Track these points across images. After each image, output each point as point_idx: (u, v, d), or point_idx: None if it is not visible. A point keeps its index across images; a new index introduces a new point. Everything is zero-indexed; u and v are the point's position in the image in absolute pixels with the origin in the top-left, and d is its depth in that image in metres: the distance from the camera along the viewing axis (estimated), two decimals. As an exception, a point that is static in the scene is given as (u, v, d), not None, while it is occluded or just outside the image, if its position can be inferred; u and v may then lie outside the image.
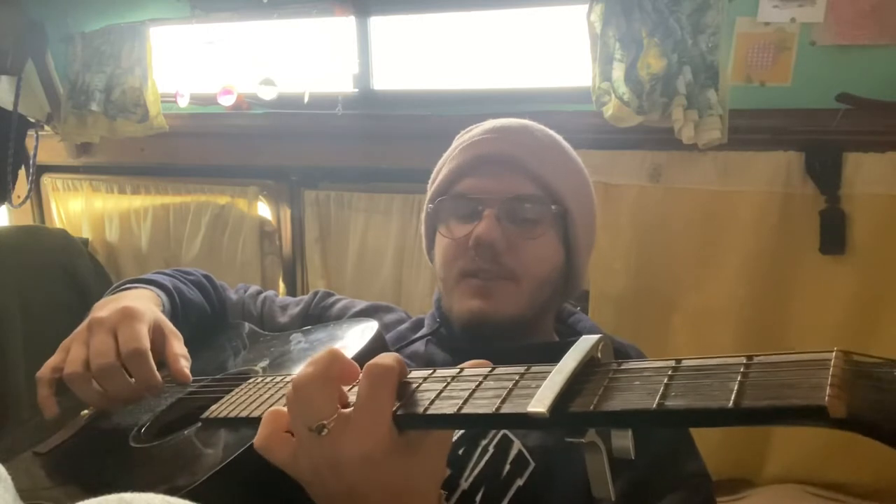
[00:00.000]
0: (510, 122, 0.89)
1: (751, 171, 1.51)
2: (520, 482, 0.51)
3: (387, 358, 0.49)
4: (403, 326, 0.97)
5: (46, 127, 2.22)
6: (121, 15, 2.02)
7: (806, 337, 1.51)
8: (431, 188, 0.91)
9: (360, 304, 1.04)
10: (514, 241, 0.81)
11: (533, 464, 0.70)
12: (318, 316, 1.03)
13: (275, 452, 0.49)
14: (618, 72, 1.49)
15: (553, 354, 0.72)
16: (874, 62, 1.41)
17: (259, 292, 1.10)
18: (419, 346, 0.90)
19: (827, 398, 0.32)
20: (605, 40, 1.51)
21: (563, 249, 0.86)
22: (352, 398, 0.49)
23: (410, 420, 0.46)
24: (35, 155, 2.28)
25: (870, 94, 1.40)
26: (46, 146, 2.28)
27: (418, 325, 0.97)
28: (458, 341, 0.86)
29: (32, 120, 2.19)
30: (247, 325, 0.98)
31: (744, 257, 1.53)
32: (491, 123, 0.89)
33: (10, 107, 2.07)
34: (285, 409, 0.50)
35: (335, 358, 0.49)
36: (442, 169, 0.90)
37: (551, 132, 0.91)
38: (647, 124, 1.50)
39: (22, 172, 2.25)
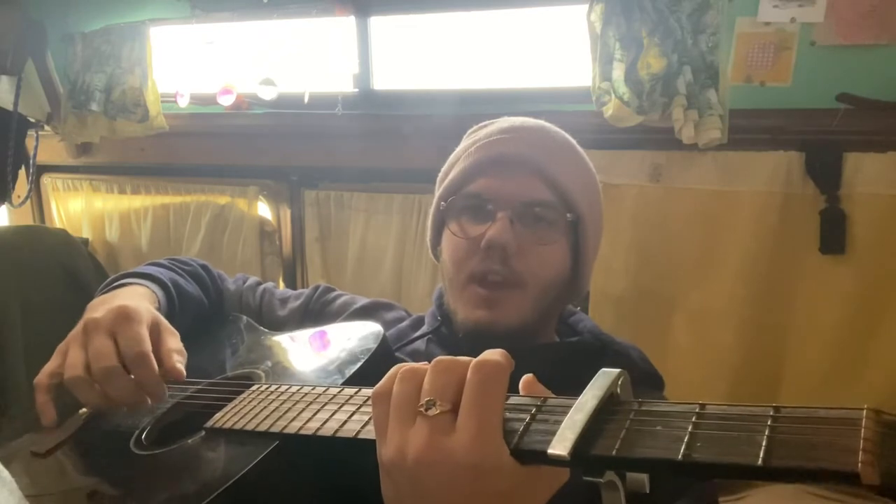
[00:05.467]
0: (527, 121, 0.87)
1: (751, 171, 1.51)
2: None
3: (495, 354, 0.45)
4: (404, 324, 0.96)
5: (46, 127, 2.22)
6: (121, 15, 2.02)
7: (806, 337, 1.51)
8: (442, 185, 0.89)
9: (361, 301, 1.03)
10: (525, 246, 0.80)
11: None
12: (319, 311, 1.02)
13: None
14: (618, 72, 1.49)
15: (553, 354, 0.72)
16: (874, 62, 1.41)
17: (258, 284, 1.08)
18: (419, 345, 0.89)
19: (860, 465, 0.31)
20: (605, 40, 1.51)
21: (572, 256, 0.85)
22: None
23: None
24: (35, 155, 2.27)
25: (870, 94, 1.40)
26: (46, 146, 2.28)
27: (418, 323, 0.96)
28: (458, 340, 0.85)
29: (32, 120, 2.19)
30: (245, 319, 0.96)
31: (744, 257, 1.53)
32: (507, 122, 0.87)
33: (10, 107, 2.07)
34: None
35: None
36: (454, 166, 0.88)
37: (566, 134, 0.89)
38: (647, 124, 1.50)
39: (22, 172, 2.25)
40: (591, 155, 0.90)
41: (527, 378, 0.48)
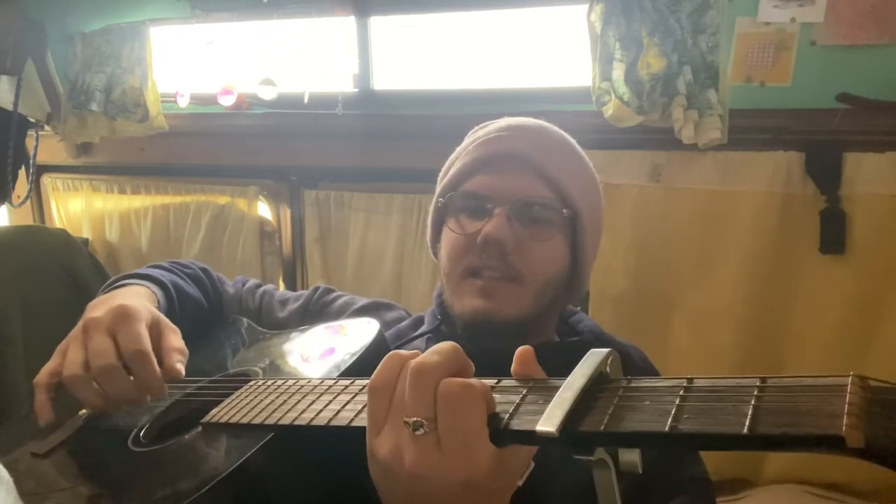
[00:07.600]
0: (526, 121, 0.88)
1: (751, 171, 1.51)
2: (518, 483, 0.51)
3: (455, 379, 0.44)
4: (403, 324, 0.96)
5: (46, 127, 2.22)
6: (121, 15, 2.02)
7: (806, 337, 1.51)
8: (442, 182, 0.90)
9: (361, 301, 1.03)
10: (522, 242, 0.80)
11: (532, 464, 0.69)
12: (318, 312, 1.01)
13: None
14: (618, 72, 1.49)
15: (553, 354, 0.72)
16: (874, 62, 1.41)
17: (258, 286, 1.08)
18: (419, 344, 0.89)
19: (844, 428, 0.31)
20: (605, 40, 1.51)
21: (570, 253, 0.85)
22: None
23: None
24: (35, 155, 2.27)
25: (870, 94, 1.40)
26: (46, 146, 2.28)
27: (418, 322, 0.96)
28: (458, 338, 0.85)
29: (32, 120, 2.19)
30: (245, 321, 0.96)
31: (744, 257, 1.53)
32: (506, 121, 0.88)
33: (10, 107, 2.06)
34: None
35: (458, 351, 0.47)
36: (454, 163, 0.89)
37: (566, 134, 0.90)
38: (647, 124, 1.50)
39: (22, 172, 2.25)
40: (591, 155, 0.90)
41: (522, 351, 0.48)
